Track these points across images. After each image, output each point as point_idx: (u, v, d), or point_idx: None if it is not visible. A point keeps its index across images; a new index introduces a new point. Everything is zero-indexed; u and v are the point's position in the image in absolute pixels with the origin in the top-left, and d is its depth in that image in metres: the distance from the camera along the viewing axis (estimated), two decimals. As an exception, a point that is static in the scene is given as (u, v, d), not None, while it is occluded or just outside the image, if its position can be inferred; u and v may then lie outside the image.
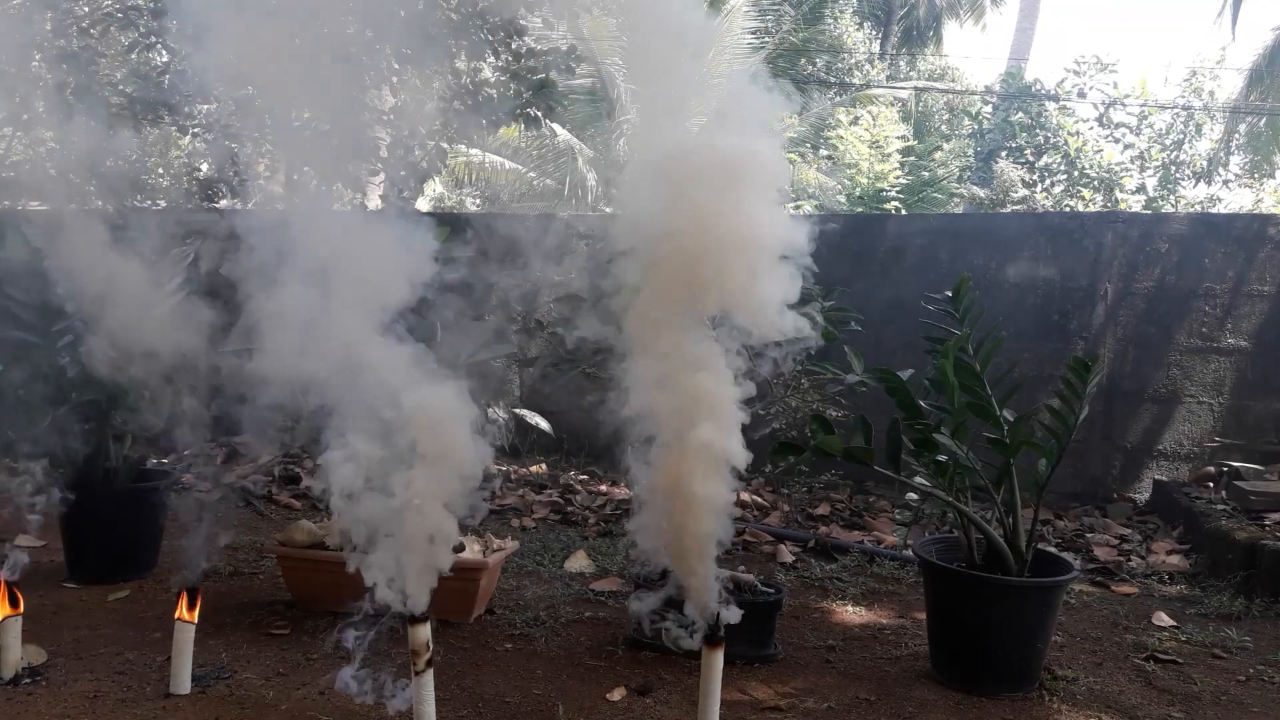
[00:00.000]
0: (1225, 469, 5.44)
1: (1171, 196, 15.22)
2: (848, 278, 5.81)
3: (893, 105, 16.53)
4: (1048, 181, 15.37)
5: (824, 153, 15.33)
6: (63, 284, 3.25)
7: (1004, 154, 15.65)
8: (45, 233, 3.33)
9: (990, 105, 17.67)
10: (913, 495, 5.38)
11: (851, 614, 3.84)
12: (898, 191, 13.96)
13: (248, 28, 2.41)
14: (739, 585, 3.22)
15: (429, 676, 2.46)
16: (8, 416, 3.52)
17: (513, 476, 6.06)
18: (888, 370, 3.14)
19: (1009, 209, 14.10)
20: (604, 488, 5.98)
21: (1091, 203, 14.76)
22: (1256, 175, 16.09)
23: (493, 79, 5.93)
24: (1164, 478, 5.94)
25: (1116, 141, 15.63)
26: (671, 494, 2.49)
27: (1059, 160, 15.33)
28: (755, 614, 3.21)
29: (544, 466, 6.36)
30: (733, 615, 2.52)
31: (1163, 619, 3.85)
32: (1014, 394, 3.20)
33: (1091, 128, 15.82)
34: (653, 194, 2.46)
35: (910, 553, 4.32)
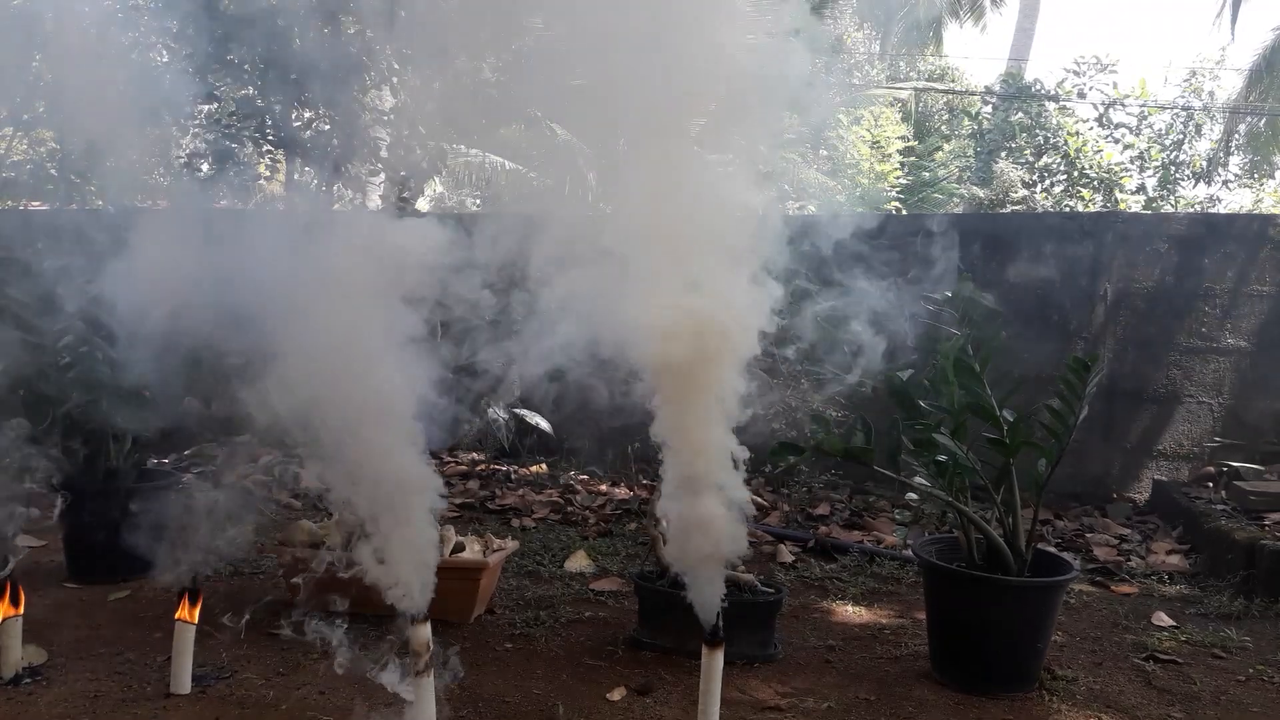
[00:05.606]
0: (1225, 469, 5.44)
1: (1171, 197, 15.21)
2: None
3: (893, 105, 16.53)
4: (1048, 181, 15.37)
5: (824, 153, 15.35)
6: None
7: (1004, 154, 15.65)
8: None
9: (990, 105, 17.66)
10: (913, 495, 5.38)
11: (851, 614, 3.84)
12: (898, 192, 13.95)
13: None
14: (739, 585, 3.22)
15: (429, 677, 2.46)
16: (8, 416, 3.51)
17: (513, 476, 6.06)
18: (887, 370, 3.14)
19: (1009, 209, 14.09)
20: (604, 488, 5.98)
21: (1091, 203, 14.75)
22: (1256, 175, 16.08)
23: (493, 79, 5.89)
24: (1164, 478, 5.93)
25: (1116, 142, 15.62)
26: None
27: (1059, 160, 15.32)
28: (755, 614, 3.23)
29: (544, 466, 6.37)
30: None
31: (1163, 619, 3.84)
32: (1014, 394, 3.20)
33: (1091, 128, 15.81)
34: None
35: (910, 553, 4.32)
